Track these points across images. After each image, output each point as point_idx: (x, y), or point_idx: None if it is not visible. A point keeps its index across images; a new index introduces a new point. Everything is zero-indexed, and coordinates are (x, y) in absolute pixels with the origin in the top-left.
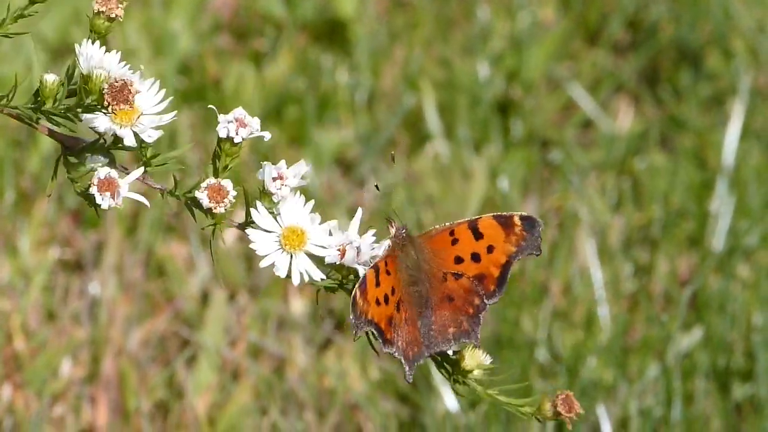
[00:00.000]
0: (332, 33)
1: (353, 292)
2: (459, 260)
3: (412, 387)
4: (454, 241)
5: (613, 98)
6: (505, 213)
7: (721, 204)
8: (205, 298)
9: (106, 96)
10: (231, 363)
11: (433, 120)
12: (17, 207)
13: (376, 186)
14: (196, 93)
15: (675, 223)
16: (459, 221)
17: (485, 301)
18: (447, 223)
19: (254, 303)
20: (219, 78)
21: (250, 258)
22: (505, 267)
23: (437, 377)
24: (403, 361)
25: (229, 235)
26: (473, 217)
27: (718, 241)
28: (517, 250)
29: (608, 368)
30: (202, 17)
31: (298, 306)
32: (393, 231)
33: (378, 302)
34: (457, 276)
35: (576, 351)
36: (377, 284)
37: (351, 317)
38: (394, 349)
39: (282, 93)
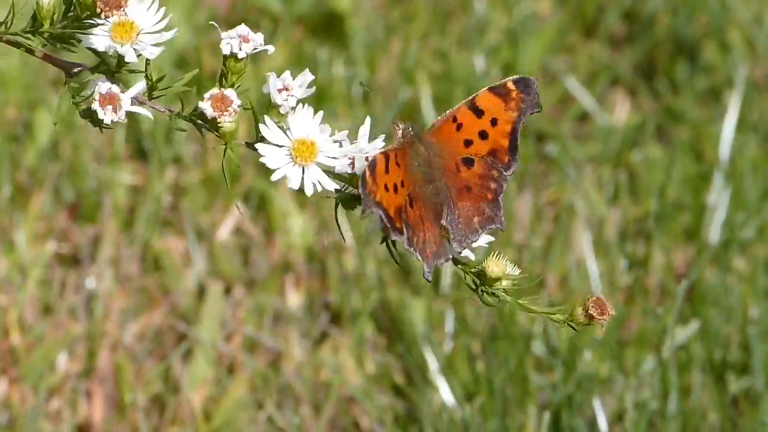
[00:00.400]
0: (328, 26)
1: (362, 171)
2: (468, 143)
3: (408, 380)
4: (459, 126)
5: (609, 91)
6: (497, 83)
7: (718, 196)
8: (201, 292)
9: (98, 3)
10: (227, 357)
11: (429, 112)
12: (14, 201)
13: (361, 83)
14: (193, 86)
15: (671, 215)
16: (457, 106)
17: (502, 183)
18: (447, 111)
19: (250, 297)
20: (215, 71)
21: (246, 251)
22: (513, 134)
23: (434, 369)
24: (419, 257)
25: (224, 229)
26: (469, 98)
27: (714, 233)
28: (519, 114)
29: (604, 361)
30: (199, 10)
31: (294, 300)
32: (400, 132)
33: (387, 188)
34: (469, 164)
35: (572, 344)
36: (386, 171)
37: (360, 192)
38: (410, 247)
39: None
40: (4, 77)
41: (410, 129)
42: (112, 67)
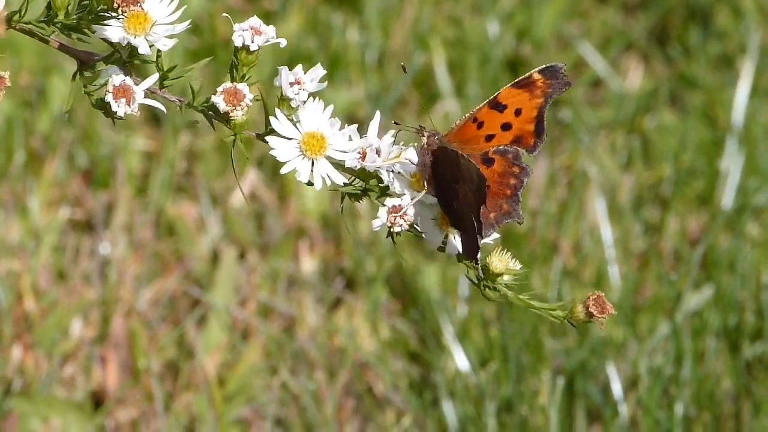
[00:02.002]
0: None
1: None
2: (490, 138)
3: (423, 346)
4: (480, 125)
5: (622, 57)
6: (520, 77)
7: (731, 162)
8: (215, 257)
9: None
10: (241, 322)
11: (443, 78)
12: (27, 167)
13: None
14: (207, 52)
15: (685, 181)
16: (479, 106)
17: (522, 178)
18: (468, 114)
19: (264, 262)
20: (228, 38)
21: (260, 217)
22: (539, 117)
23: (448, 335)
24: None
25: (238, 196)
26: (490, 97)
27: (727, 199)
28: (546, 98)
29: (618, 327)
30: None
31: (309, 265)
32: (425, 139)
33: None
34: (489, 163)
35: None
36: None
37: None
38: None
39: (292, 52)
40: (17, 43)
41: (436, 136)
42: (125, 57)
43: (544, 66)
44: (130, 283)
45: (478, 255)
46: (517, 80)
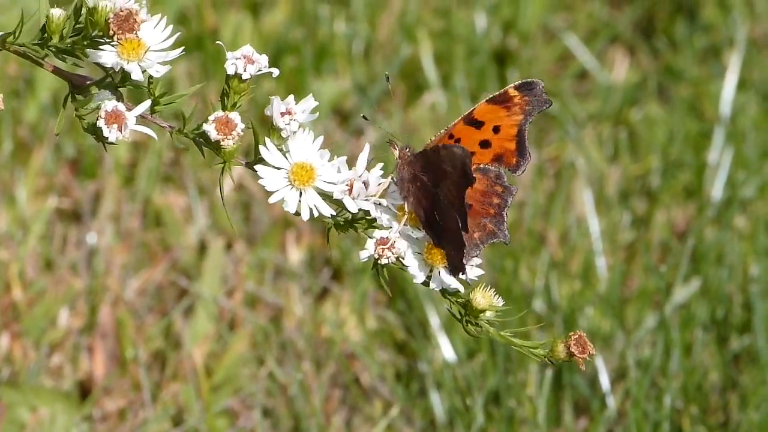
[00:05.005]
0: None
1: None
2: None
3: (410, 336)
4: (457, 142)
5: (609, 49)
6: (497, 92)
7: (719, 155)
8: (202, 247)
9: (111, 25)
10: (228, 312)
11: (430, 70)
12: (15, 156)
13: (364, 116)
14: (194, 43)
15: (672, 173)
16: (453, 122)
17: (506, 198)
18: (443, 130)
19: (251, 252)
20: (216, 27)
21: (247, 207)
22: (520, 135)
23: (435, 326)
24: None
25: (227, 185)
26: (466, 112)
27: (715, 191)
28: (525, 115)
29: (605, 318)
30: None
31: (296, 255)
32: (397, 152)
33: None
34: None
35: (573, 301)
36: None
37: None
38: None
39: (279, 43)
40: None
41: (407, 149)
42: (116, 82)
43: (520, 81)
44: (118, 273)
45: (466, 269)
46: (492, 96)
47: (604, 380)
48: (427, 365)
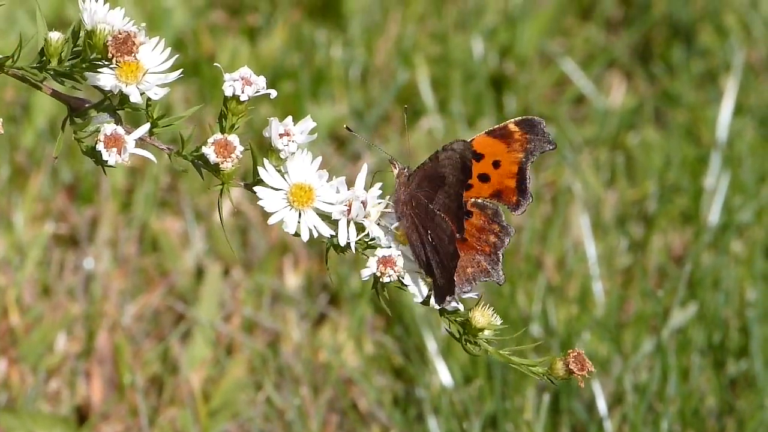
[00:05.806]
0: (326, 8)
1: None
2: (468, 187)
3: (407, 361)
4: None
5: (605, 74)
6: (496, 126)
7: (716, 180)
8: (199, 273)
9: (110, 48)
10: (225, 338)
11: (427, 95)
12: (12, 182)
13: (347, 128)
14: (191, 68)
15: (668, 198)
16: None
17: (503, 238)
18: None
19: (249, 278)
20: (213, 53)
21: (244, 232)
22: (521, 174)
23: (432, 351)
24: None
25: (225, 208)
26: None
27: (712, 216)
28: (527, 154)
29: (602, 343)
30: None
31: (293, 281)
32: (396, 171)
33: None
34: (467, 215)
35: (570, 326)
36: None
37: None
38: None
39: (276, 68)
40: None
41: (406, 169)
42: (115, 104)
43: (520, 118)
44: (115, 298)
45: (453, 295)
46: (491, 129)
47: (601, 405)
48: (424, 390)
